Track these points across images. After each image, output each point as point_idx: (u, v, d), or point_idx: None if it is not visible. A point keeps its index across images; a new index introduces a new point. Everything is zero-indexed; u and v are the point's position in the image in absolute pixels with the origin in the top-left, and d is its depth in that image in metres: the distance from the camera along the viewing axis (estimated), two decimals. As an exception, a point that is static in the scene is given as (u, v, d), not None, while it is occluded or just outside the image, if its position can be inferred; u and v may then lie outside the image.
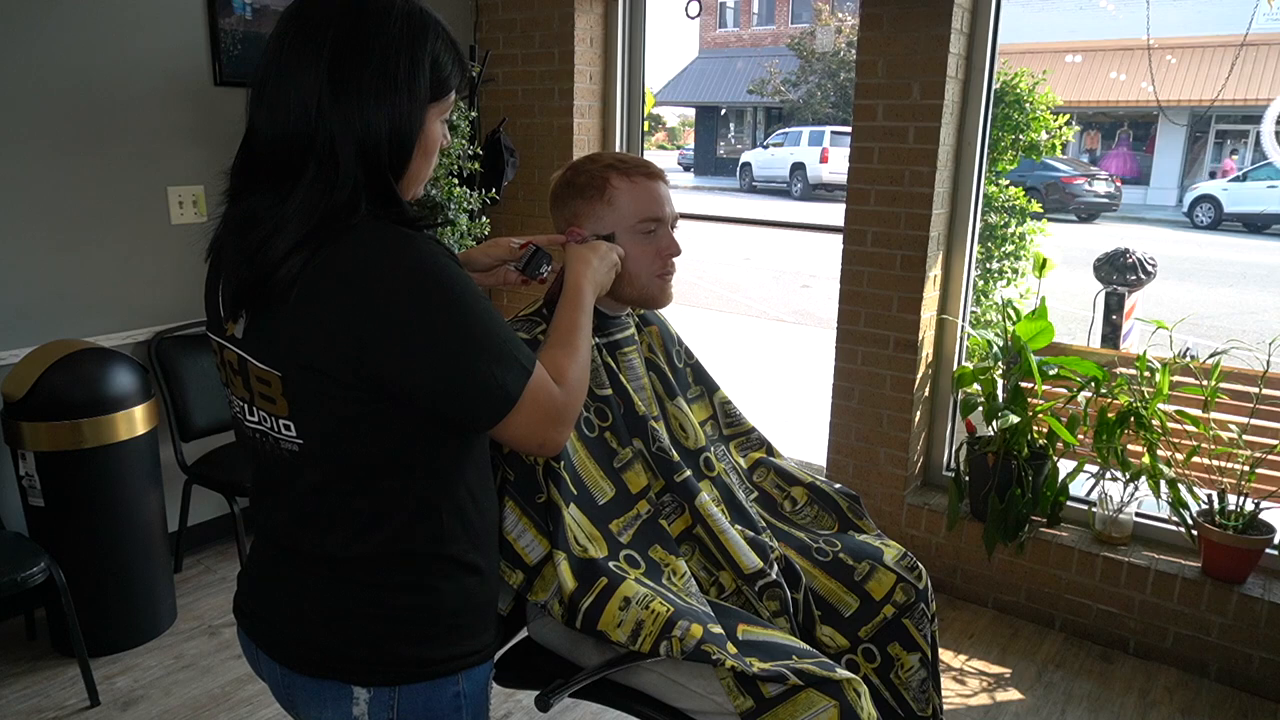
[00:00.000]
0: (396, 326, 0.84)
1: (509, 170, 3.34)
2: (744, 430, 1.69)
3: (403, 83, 0.88)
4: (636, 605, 1.22)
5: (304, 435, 0.90)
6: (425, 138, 0.93)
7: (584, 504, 1.32)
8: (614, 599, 1.22)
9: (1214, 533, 2.30)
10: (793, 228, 12.97)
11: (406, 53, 0.88)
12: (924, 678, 1.52)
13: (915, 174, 2.56)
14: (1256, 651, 2.26)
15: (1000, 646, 2.49)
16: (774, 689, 1.21)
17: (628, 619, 1.21)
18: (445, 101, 0.95)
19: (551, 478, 1.28)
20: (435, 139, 0.95)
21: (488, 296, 0.91)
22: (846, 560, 1.52)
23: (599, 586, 1.23)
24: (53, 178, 2.40)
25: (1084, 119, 16.38)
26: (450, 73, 0.94)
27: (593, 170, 1.38)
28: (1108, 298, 3.94)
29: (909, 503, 2.78)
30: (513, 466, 1.28)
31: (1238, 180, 12.90)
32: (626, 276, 1.38)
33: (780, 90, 21.37)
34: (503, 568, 1.26)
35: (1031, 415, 2.54)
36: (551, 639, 1.43)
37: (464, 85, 0.99)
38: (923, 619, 1.53)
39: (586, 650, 1.37)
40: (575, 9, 3.19)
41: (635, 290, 1.41)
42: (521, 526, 1.27)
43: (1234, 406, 2.43)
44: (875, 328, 2.72)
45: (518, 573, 1.27)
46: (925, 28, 2.46)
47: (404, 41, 0.88)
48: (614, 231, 1.36)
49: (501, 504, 1.27)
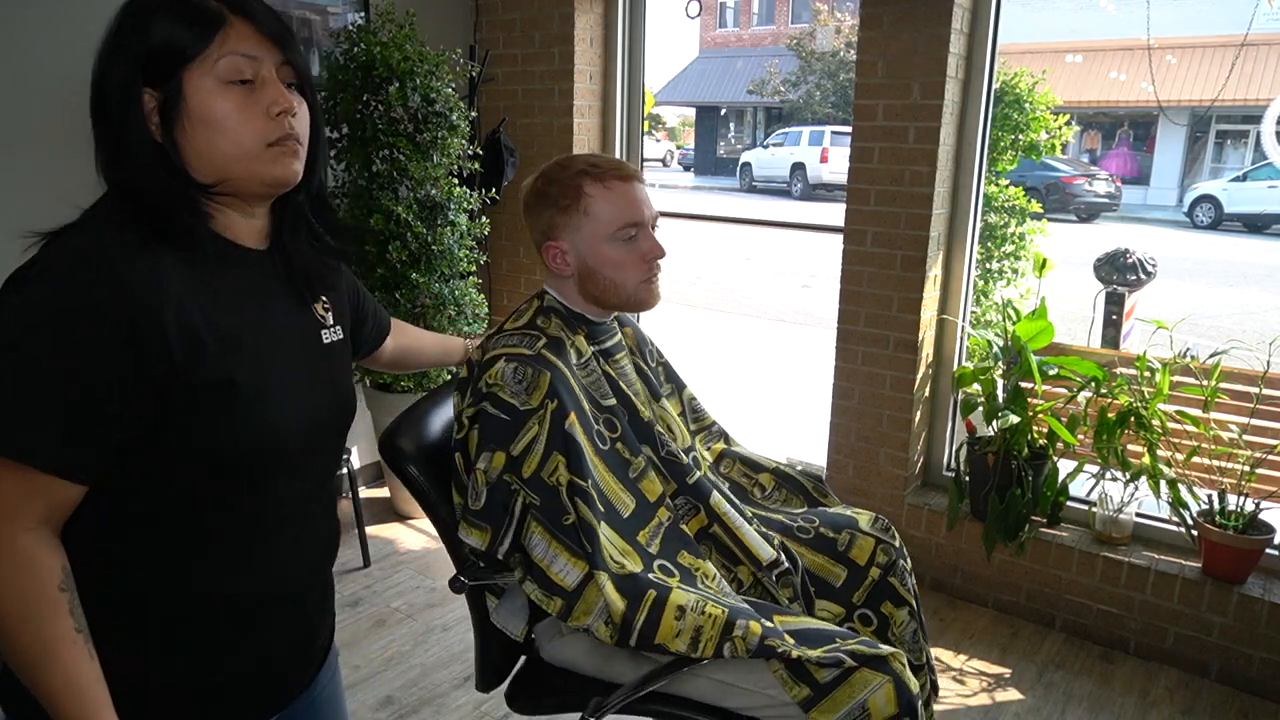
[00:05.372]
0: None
1: (509, 170, 3.34)
2: (707, 424, 1.71)
3: (116, 43, 0.86)
4: (692, 613, 1.22)
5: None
6: (190, 106, 0.86)
7: (612, 519, 1.31)
8: (668, 610, 1.22)
9: (1214, 533, 2.30)
10: (793, 228, 12.96)
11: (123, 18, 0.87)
12: (915, 629, 1.55)
13: (915, 174, 2.56)
14: (1257, 652, 2.26)
15: (1000, 646, 2.49)
16: (828, 674, 1.22)
17: (686, 627, 1.21)
18: (202, 65, 0.86)
19: (579, 496, 1.26)
20: (207, 108, 0.86)
21: (98, 362, 0.79)
22: (827, 533, 1.55)
23: (649, 601, 1.23)
24: (49, 182, 2.40)
25: (1084, 119, 16.37)
26: (168, 33, 0.85)
27: (565, 179, 1.36)
28: (1108, 298, 3.94)
29: (909, 503, 2.78)
30: (535, 490, 1.25)
31: (1238, 180, 12.90)
32: (612, 286, 1.38)
33: (780, 90, 21.37)
34: (538, 596, 1.24)
35: (1031, 415, 2.54)
36: (575, 658, 1.40)
37: (201, 40, 0.86)
38: (904, 573, 1.57)
39: (619, 663, 1.35)
40: (575, 9, 3.18)
41: (622, 298, 1.41)
42: (553, 552, 1.24)
43: (1234, 406, 2.43)
44: (875, 328, 2.72)
45: (555, 599, 1.23)
46: (925, 28, 2.46)
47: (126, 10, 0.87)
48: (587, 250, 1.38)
49: (527, 529, 1.25)
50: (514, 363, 1.28)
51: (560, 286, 1.43)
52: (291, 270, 0.99)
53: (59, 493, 0.81)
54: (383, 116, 2.73)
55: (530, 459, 1.24)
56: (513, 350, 1.30)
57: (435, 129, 2.84)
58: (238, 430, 0.88)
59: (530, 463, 1.24)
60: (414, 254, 2.83)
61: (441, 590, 2.69)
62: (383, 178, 2.76)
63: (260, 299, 0.95)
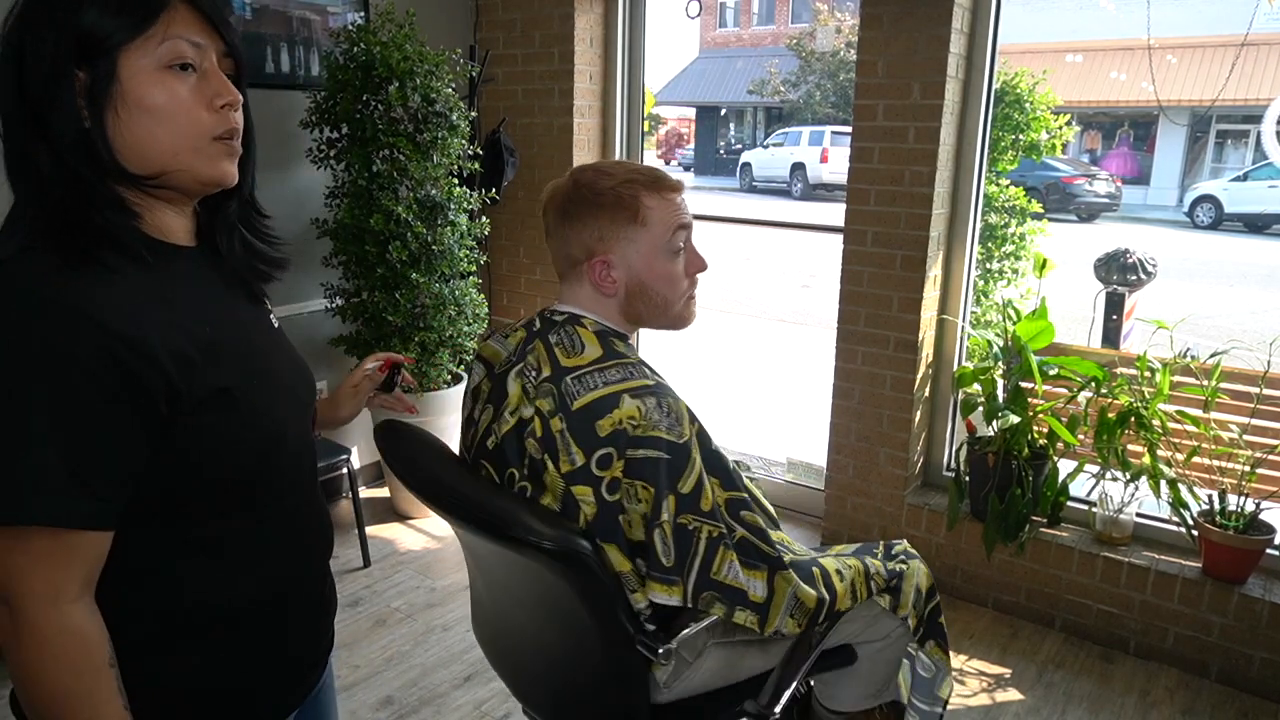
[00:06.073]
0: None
1: (509, 170, 3.34)
2: None
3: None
4: (837, 572, 1.32)
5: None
6: (125, 89, 0.79)
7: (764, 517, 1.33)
8: (832, 578, 1.30)
9: (1214, 533, 2.29)
10: (793, 228, 12.96)
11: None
12: None
13: (915, 174, 2.56)
14: (1257, 652, 2.26)
15: (1000, 646, 2.49)
16: (890, 578, 1.42)
17: (844, 587, 1.31)
18: (142, 46, 0.79)
19: (743, 509, 1.23)
20: (143, 93, 0.79)
21: (82, 399, 0.74)
22: None
23: (819, 577, 1.29)
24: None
25: (1084, 119, 16.36)
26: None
27: (618, 189, 1.24)
28: (1108, 298, 3.94)
29: (909, 503, 2.78)
30: (716, 520, 1.19)
31: (1238, 180, 12.90)
32: (662, 303, 1.29)
33: (780, 90, 21.37)
34: (748, 620, 1.19)
35: (1032, 415, 2.54)
36: (704, 680, 1.33)
37: (144, 20, 0.79)
38: None
39: (750, 659, 1.37)
40: (575, 9, 3.18)
41: (670, 316, 1.32)
42: (745, 574, 1.20)
43: (1234, 406, 2.43)
44: (875, 328, 2.71)
45: (746, 611, 1.19)
46: (925, 28, 2.46)
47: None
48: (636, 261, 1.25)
49: (719, 560, 1.18)
50: (649, 397, 1.17)
51: (598, 307, 1.28)
52: (227, 270, 0.94)
53: (96, 547, 0.78)
54: (383, 116, 2.73)
55: (704, 492, 1.18)
56: (632, 384, 1.18)
57: (435, 129, 2.84)
58: (243, 434, 0.86)
59: (706, 496, 1.18)
60: (414, 254, 2.83)
61: (441, 590, 2.69)
62: (383, 178, 2.76)
63: (216, 295, 0.90)
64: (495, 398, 1.27)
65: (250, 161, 0.92)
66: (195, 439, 0.82)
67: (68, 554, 0.76)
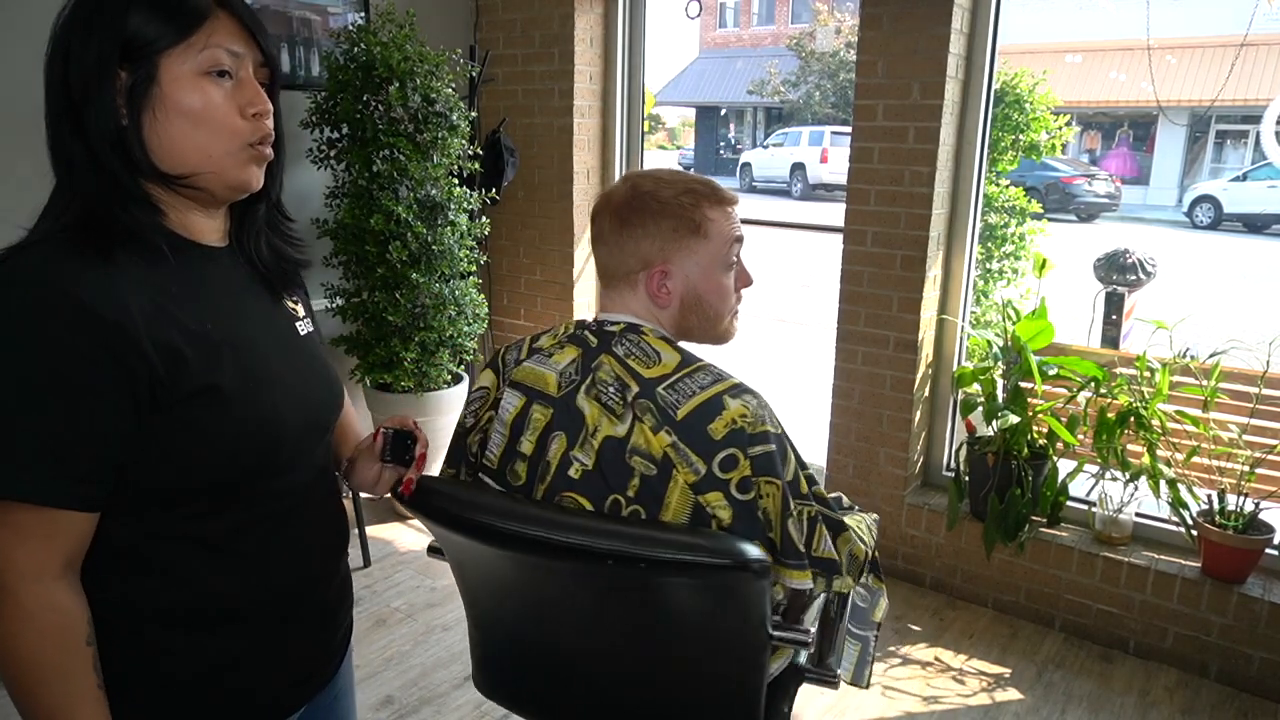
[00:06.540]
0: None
1: (509, 170, 3.34)
2: None
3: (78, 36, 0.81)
4: (859, 521, 1.31)
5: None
6: (164, 92, 0.82)
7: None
8: (860, 530, 1.30)
9: (1214, 533, 2.30)
10: (793, 228, 12.97)
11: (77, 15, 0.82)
12: None
13: (915, 174, 2.56)
14: (1257, 651, 2.26)
15: (1000, 646, 2.49)
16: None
17: (869, 538, 1.32)
18: (185, 52, 0.82)
19: (812, 483, 1.23)
20: (182, 97, 0.83)
21: (76, 383, 0.77)
22: None
23: (861, 527, 1.30)
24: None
25: (1084, 119, 16.39)
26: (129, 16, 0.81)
27: (682, 200, 1.20)
28: (1107, 298, 3.94)
29: (909, 503, 2.78)
30: (817, 500, 1.24)
31: (1237, 180, 12.91)
32: (715, 317, 1.26)
33: (780, 90, 21.38)
34: (832, 583, 1.22)
35: (1031, 415, 2.54)
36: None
37: (187, 27, 0.83)
38: None
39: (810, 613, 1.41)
40: (575, 9, 3.19)
41: (718, 331, 1.29)
42: (831, 542, 1.23)
43: (1234, 406, 2.43)
44: (875, 328, 2.72)
45: (841, 579, 1.23)
46: (925, 28, 2.46)
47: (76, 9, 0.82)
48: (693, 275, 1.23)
49: (818, 536, 1.22)
50: (747, 395, 1.16)
51: (651, 318, 1.24)
52: (255, 269, 0.97)
53: (78, 527, 0.80)
54: (383, 116, 2.73)
55: (800, 476, 1.21)
56: (725, 385, 1.16)
57: (435, 129, 2.85)
58: (233, 433, 0.87)
59: (800, 480, 1.21)
60: (414, 254, 2.83)
61: (441, 590, 2.69)
62: (383, 178, 2.76)
63: (231, 294, 0.92)
64: (565, 423, 1.17)
65: (279, 167, 0.96)
66: (181, 432, 0.83)
67: (49, 531, 0.78)
